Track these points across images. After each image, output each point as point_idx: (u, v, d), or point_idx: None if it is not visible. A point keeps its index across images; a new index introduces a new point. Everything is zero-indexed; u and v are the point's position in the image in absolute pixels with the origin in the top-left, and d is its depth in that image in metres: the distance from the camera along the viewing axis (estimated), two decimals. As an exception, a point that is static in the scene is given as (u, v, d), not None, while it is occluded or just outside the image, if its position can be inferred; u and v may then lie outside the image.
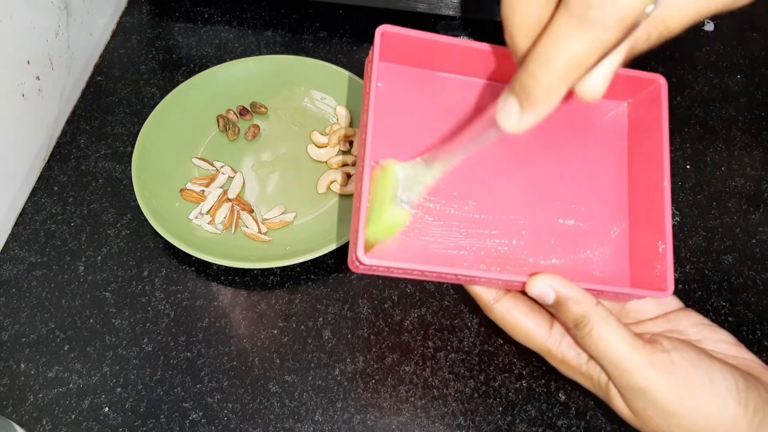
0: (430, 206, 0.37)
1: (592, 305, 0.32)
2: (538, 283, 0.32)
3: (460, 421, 0.46)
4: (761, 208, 0.56)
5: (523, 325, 0.35)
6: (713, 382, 0.32)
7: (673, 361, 0.32)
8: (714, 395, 0.32)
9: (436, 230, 0.36)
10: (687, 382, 0.32)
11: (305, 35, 0.68)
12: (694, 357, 0.33)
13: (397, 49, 0.36)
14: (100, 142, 0.60)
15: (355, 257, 0.32)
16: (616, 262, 0.38)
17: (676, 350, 0.33)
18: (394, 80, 0.38)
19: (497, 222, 0.37)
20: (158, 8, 0.70)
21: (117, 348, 0.49)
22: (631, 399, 0.33)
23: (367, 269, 0.33)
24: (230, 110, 0.61)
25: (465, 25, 0.67)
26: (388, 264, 0.32)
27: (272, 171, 0.58)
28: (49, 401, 0.47)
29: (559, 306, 0.33)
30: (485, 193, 0.37)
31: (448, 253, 0.36)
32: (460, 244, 0.36)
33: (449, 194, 0.37)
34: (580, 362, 0.35)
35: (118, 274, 0.53)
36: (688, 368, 0.32)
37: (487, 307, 0.36)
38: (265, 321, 0.50)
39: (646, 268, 0.37)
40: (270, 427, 0.46)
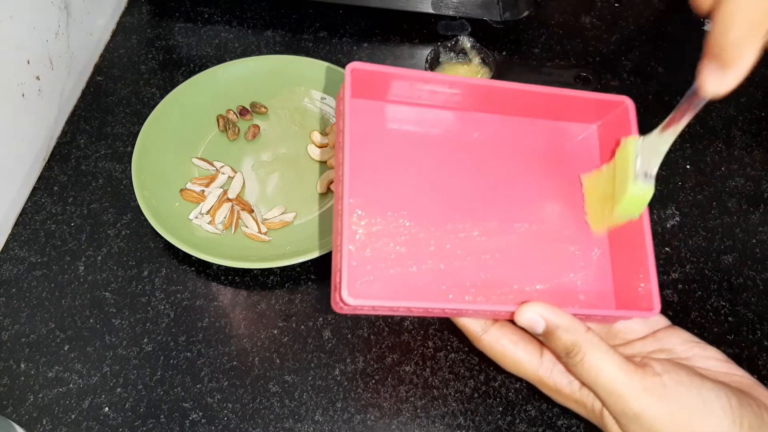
0: (403, 237, 0.36)
1: (582, 332, 0.32)
2: (528, 312, 0.32)
3: (460, 421, 0.46)
4: (761, 207, 0.56)
5: (512, 354, 0.35)
6: (706, 402, 0.32)
7: (665, 385, 0.32)
8: (708, 416, 0.32)
9: (414, 261, 0.36)
10: (680, 405, 0.32)
11: (305, 35, 0.68)
12: (685, 379, 0.33)
13: (369, 85, 0.36)
14: (100, 142, 0.60)
15: (339, 298, 0.31)
16: (599, 283, 0.38)
17: (668, 373, 0.33)
18: (367, 115, 0.38)
19: (477, 249, 0.37)
20: (158, 8, 0.70)
21: (117, 348, 0.49)
22: (626, 425, 0.33)
23: (351, 310, 0.32)
24: (230, 110, 0.61)
25: (464, 25, 0.67)
26: (373, 303, 0.31)
27: (272, 171, 0.58)
28: (49, 401, 0.47)
29: (549, 335, 0.33)
30: (462, 220, 0.37)
31: (430, 285, 0.35)
32: (440, 273, 0.36)
33: (424, 222, 0.37)
34: (573, 390, 0.35)
35: (118, 274, 0.53)
36: (680, 390, 0.32)
37: (476, 338, 0.35)
38: (265, 321, 0.50)
39: (630, 288, 0.37)
40: (270, 427, 0.46)
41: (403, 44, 0.67)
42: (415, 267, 0.36)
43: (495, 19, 0.65)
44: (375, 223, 0.36)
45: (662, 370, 0.33)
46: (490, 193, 0.38)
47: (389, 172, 0.37)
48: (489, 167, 0.39)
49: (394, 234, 0.36)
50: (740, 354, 0.49)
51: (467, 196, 0.38)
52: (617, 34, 0.68)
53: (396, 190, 0.37)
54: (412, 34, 0.68)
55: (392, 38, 0.68)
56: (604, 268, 0.38)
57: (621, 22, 0.69)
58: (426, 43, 0.67)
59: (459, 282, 0.36)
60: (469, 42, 0.61)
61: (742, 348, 0.49)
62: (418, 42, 0.67)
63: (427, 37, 0.68)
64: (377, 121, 0.38)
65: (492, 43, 0.65)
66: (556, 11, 0.70)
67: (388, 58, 0.66)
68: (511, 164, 0.39)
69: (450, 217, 0.37)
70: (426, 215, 0.37)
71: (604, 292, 0.38)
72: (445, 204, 0.37)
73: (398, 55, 0.67)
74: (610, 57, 0.66)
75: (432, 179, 0.38)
